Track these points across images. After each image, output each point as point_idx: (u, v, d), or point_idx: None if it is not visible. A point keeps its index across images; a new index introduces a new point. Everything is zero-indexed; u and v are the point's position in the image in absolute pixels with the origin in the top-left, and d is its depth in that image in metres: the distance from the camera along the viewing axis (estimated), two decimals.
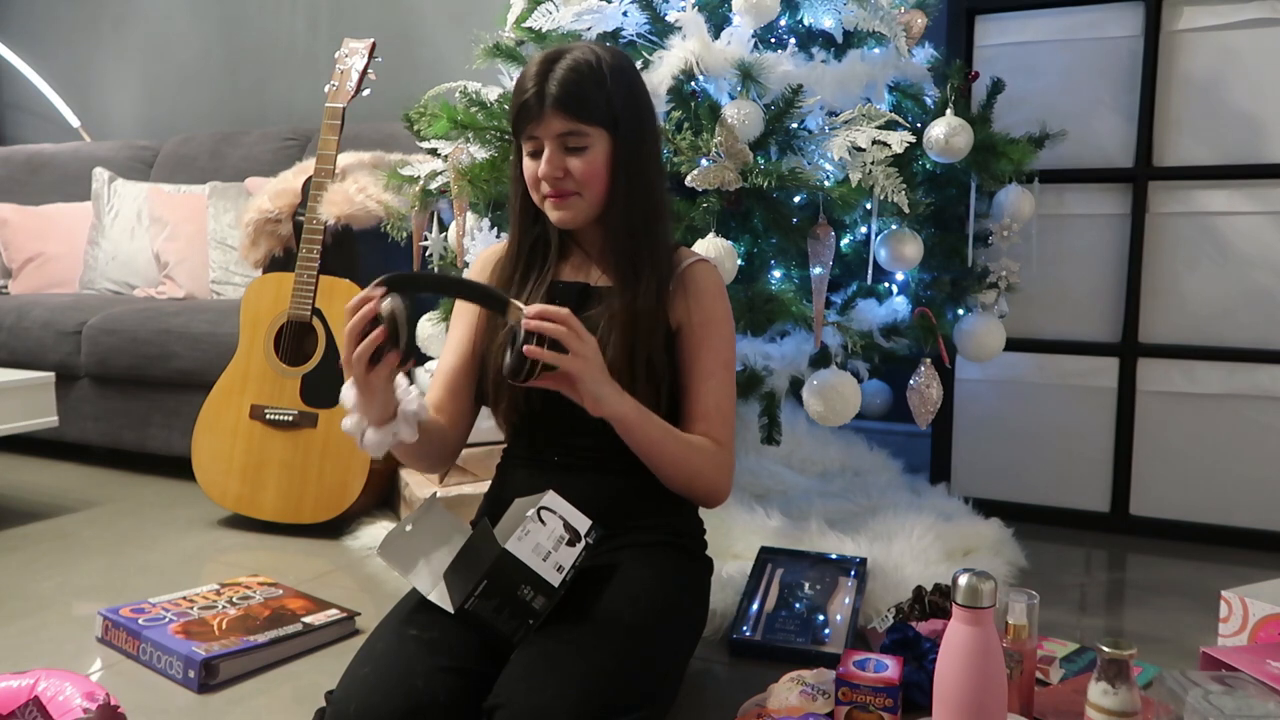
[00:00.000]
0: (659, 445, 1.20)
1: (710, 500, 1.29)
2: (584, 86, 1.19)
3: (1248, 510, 2.13)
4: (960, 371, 2.33)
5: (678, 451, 1.21)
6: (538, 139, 1.21)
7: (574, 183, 1.21)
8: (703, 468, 1.24)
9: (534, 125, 1.20)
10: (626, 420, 1.16)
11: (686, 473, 1.23)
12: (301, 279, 2.16)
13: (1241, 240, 2.11)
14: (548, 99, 1.18)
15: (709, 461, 1.25)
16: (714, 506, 1.31)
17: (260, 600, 1.63)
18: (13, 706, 1.12)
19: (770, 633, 1.53)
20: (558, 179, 1.21)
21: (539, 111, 1.19)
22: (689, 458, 1.22)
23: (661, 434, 1.20)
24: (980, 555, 1.84)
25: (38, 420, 2.25)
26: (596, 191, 1.22)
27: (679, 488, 1.25)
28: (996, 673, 1.00)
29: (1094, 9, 2.21)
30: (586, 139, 1.20)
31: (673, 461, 1.22)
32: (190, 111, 3.74)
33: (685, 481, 1.24)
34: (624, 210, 1.23)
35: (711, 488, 1.27)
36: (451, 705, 1.03)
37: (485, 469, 2.05)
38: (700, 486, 1.26)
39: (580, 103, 1.18)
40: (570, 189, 1.21)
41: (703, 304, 1.27)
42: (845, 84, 1.78)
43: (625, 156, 1.22)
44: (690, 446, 1.23)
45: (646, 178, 1.25)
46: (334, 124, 2.22)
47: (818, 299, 1.72)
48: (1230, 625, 1.43)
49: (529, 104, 1.19)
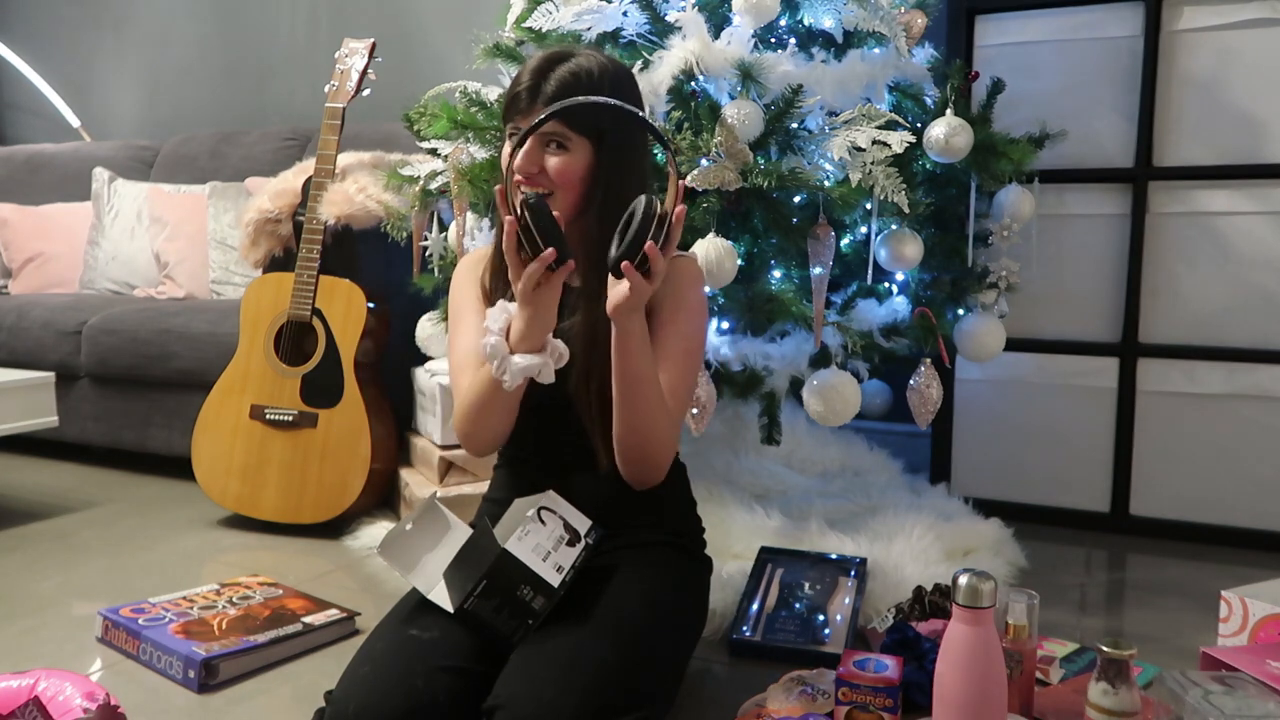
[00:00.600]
0: (644, 383, 1.16)
1: (651, 472, 1.24)
2: (579, 93, 1.18)
3: (1248, 510, 2.13)
4: (960, 371, 2.33)
5: (653, 401, 1.18)
6: (521, 129, 1.20)
7: (547, 181, 1.20)
8: (662, 433, 1.20)
9: (522, 117, 1.21)
10: (633, 338, 1.14)
11: (647, 426, 1.19)
12: (301, 279, 2.16)
13: (1241, 240, 2.11)
14: (540, 96, 1.19)
15: (667, 430, 1.21)
16: (651, 483, 1.25)
17: (260, 600, 1.63)
18: (13, 706, 1.12)
19: (770, 633, 1.53)
20: (532, 173, 1.20)
21: (528, 106, 1.20)
22: (657, 416, 1.19)
23: (651, 374, 1.17)
24: (980, 555, 1.84)
25: (38, 420, 2.25)
26: (570, 197, 1.21)
27: (632, 444, 1.21)
28: (996, 673, 1.00)
29: (1094, 9, 2.21)
30: (569, 143, 1.19)
31: (646, 409, 1.18)
32: (190, 111, 3.74)
33: (640, 439, 1.20)
34: (598, 219, 1.21)
35: (659, 458, 1.22)
36: (451, 705, 1.03)
37: (485, 469, 2.05)
38: (652, 452, 1.21)
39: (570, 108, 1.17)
40: (544, 185, 1.20)
41: (676, 290, 1.25)
42: (845, 84, 1.78)
43: (605, 170, 1.21)
44: (663, 405, 1.20)
45: (625, 193, 1.19)
46: (334, 124, 2.22)
47: (818, 299, 1.72)
48: (1230, 625, 1.43)
49: (520, 96, 1.20)
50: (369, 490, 2.13)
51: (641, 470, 1.23)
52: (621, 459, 1.23)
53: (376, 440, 2.12)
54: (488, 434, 1.26)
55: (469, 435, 1.26)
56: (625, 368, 1.16)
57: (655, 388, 1.18)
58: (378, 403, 2.18)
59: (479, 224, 1.92)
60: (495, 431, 1.26)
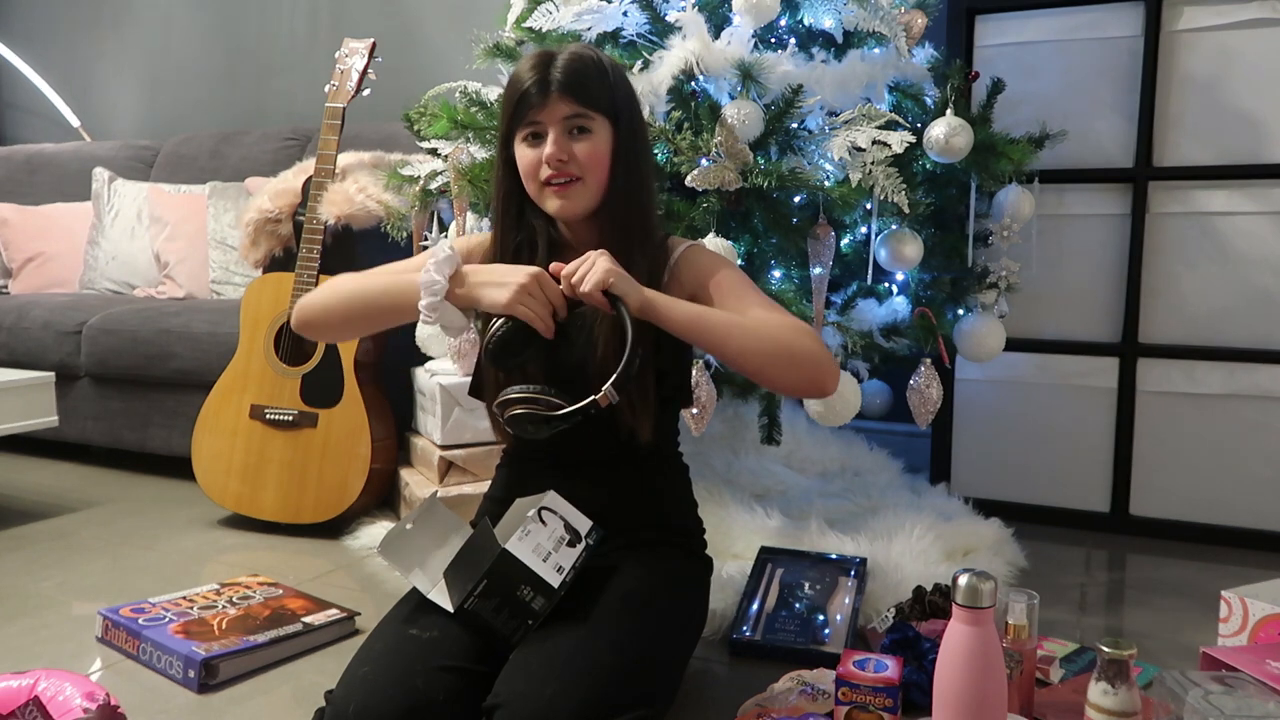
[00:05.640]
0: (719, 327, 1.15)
1: (824, 378, 1.18)
2: (588, 74, 1.20)
3: (1248, 510, 2.13)
4: (960, 371, 2.33)
5: (757, 330, 1.15)
6: (540, 123, 1.20)
7: (577, 166, 1.20)
8: (792, 341, 1.16)
9: (536, 110, 1.19)
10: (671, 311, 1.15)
11: (775, 350, 1.15)
12: (301, 279, 2.16)
13: (1241, 240, 2.11)
14: (553, 84, 1.18)
15: (794, 333, 1.17)
16: (830, 389, 1.19)
17: (260, 600, 1.63)
18: (13, 706, 1.12)
19: (770, 633, 1.53)
20: (563, 161, 1.19)
21: (543, 97, 1.18)
22: (772, 335, 1.16)
23: (716, 320, 1.16)
24: (980, 555, 1.84)
25: (38, 420, 2.25)
26: (599, 179, 1.22)
27: (783, 375, 1.17)
28: (996, 673, 1.00)
29: (1094, 9, 2.21)
30: (592, 123, 1.20)
31: (756, 343, 1.15)
32: (190, 111, 3.74)
33: (784, 365, 1.16)
34: (622, 202, 1.23)
35: (815, 361, 1.16)
36: (451, 705, 1.03)
37: (485, 469, 2.05)
38: (805, 364, 1.16)
39: (586, 88, 1.19)
40: (574, 173, 1.20)
41: (704, 270, 1.26)
42: (845, 84, 1.78)
43: (624, 148, 1.23)
44: (765, 324, 1.17)
45: (642, 172, 1.26)
46: (334, 124, 2.22)
47: (818, 299, 1.72)
48: (1230, 625, 1.43)
49: (530, 92, 1.19)
50: (369, 490, 2.13)
51: (814, 378, 1.19)
52: (793, 390, 1.23)
53: (376, 440, 2.12)
54: (335, 330, 1.33)
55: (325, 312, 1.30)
56: (691, 330, 1.16)
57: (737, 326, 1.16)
58: (378, 403, 2.18)
59: (479, 224, 1.92)
60: (341, 333, 1.35)
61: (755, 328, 1.16)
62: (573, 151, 1.20)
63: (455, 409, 2.04)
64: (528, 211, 1.27)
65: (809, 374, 1.18)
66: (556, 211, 1.23)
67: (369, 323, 1.31)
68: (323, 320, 1.31)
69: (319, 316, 1.31)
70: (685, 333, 1.16)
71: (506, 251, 1.29)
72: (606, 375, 1.11)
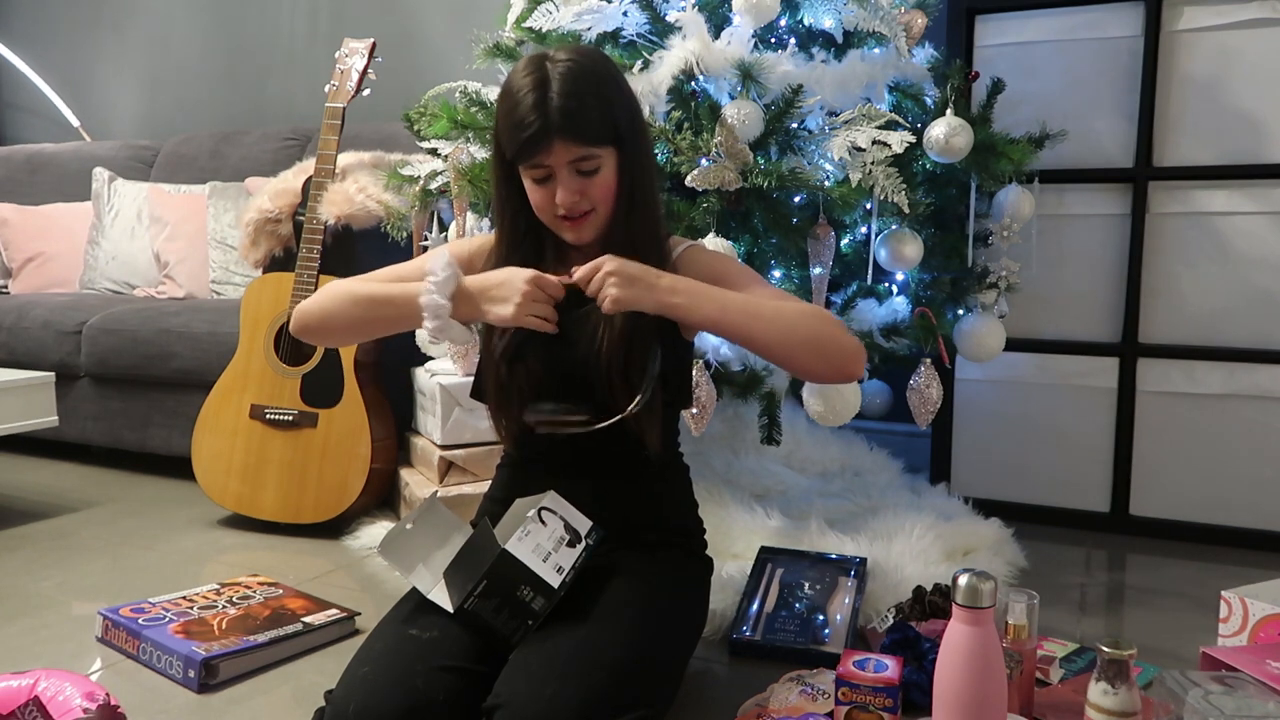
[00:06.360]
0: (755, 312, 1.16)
1: (851, 364, 1.18)
2: (587, 107, 1.16)
3: (1248, 510, 2.13)
4: (960, 371, 2.33)
5: (780, 320, 1.15)
6: (548, 167, 1.18)
7: (589, 201, 1.21)
8: (819, 329, 1.17)
9: (543, 155, 1.17)
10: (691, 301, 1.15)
11: (804, 339, 1.16)
12: (301, 279, 2.16)
13: (1241, 240, 2.11)
14: (553, 129, 1.15)
15: (819, 320, 1.18)
16: (858, 373, 1.20)
17: (260, 600, 1.63)
18: (13, 706, 1.12)
19: (770, 633, 1.53)
20: (576, 203, 1.20)
21: (546, 143, 1.16)
22: (796, 324, 1.16)
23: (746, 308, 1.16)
24: (980, 555, 1.84)
25: (38, 420, 2.25)
26: (610, 205, 1.23)
27: (811, 363, 1.19)
28: (996, 673, 1.00)
29: (1094, 9, 2.21)
30: (598, 160, 1.19)
31: (780, 334, 1.16)
32: (190, 111, 3.74)
33: (811, 353, 1.17)
34: (629, 215, 1.23)
35: (841, 347, 1.18)
36: (451, 705, 1.03)
37: (485, 469, 2.05)
38: (831, 351, 1.17)
39: (586, 126, 1.16)
40: (586, 208, 1.21)
41: (708, 267, 1.27)
42: (845, 84, 1.78)
43: (630, 165, 1.22)
44: (786, 312, 1.17)
45: (648, 180, 1.26)
46: (334, 124, 2.22)
47: (818, 299, 1.72)
48: (1230, 625, 1.43)
49: (534, 137, 1.15)
50: (369, 490, 2.13)
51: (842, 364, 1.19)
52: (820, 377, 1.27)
53: (376, 440, 2.12)
54: (336, 337, 1.32)
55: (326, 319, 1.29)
56: (716, 326, 1.17)
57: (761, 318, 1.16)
58: (378, 402, 2.18)
59: (479, 224, 1.92)
60: (342, 340, 1.35)
61: (778, 318, 1.17)
62: (584, 190, 1.20)
63: (455, 409, 2.04)
64: (530, 219, 1.27)
65: (836, 362, 1.19)
66: (573, 240, 1.25)
67: (370, 331, 1.33)
68: (323, 327, 1.31)
69: (319, 323, 1.30)
70: (709, 328, 1.18)
71: (513, 262, 1.27)
72: (609, 371, 1.11)
